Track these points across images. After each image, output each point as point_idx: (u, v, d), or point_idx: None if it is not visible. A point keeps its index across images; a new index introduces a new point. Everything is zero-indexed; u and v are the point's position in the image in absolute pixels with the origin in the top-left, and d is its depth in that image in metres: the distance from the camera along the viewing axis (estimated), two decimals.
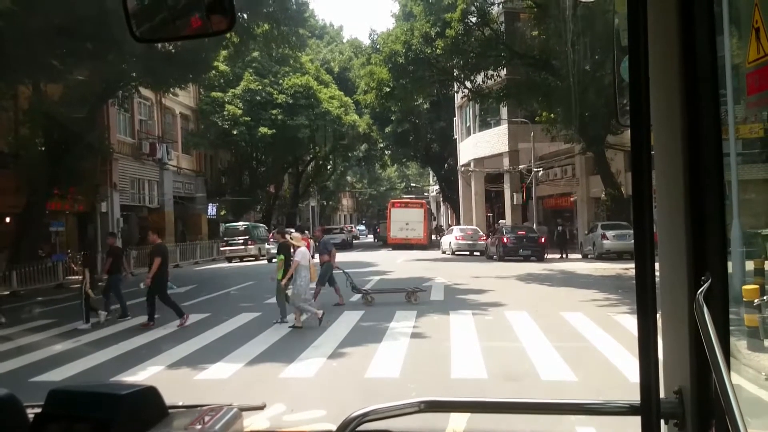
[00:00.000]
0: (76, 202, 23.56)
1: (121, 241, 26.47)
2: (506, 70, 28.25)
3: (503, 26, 29.21)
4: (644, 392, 1.13)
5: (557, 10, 21.51)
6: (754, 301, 7.04)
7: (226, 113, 35.32)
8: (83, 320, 11.48)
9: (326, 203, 63.40)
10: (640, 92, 1.10)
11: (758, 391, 5.97)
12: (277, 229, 14.76)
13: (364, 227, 74.06)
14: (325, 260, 13.45)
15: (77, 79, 19.29)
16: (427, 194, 67.71)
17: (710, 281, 1.17)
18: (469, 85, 29.96)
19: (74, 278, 12.82)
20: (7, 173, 20.02)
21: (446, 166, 48.38)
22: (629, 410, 1.25)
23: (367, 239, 59.17)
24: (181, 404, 1.57)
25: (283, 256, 11.89)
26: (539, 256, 25.96)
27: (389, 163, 56.66)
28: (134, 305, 12.48)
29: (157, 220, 31.70)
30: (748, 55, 6.00)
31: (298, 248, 11.32)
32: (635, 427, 1.16)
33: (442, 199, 56.55)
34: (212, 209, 37.25)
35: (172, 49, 19.89)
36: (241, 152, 40.38)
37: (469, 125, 40.22)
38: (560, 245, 28.38)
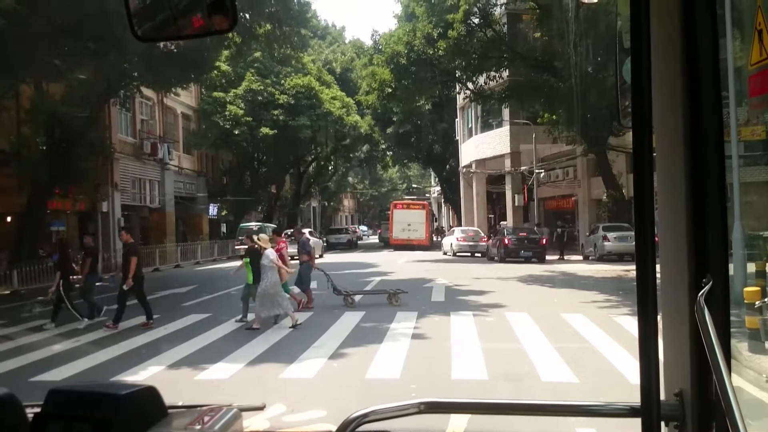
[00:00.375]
0: (77, 201, 23.55)
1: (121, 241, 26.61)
2: (508, 71, 28.23)
3: (505, 27, 29.22)
4: (644, 394, 1.13)
5: (560, 11, 21.47)
6: (755, 303, 7.05)
7: (227, 113, 35.28)
8: (50, 320, 11.54)
9: (327, 204, 63.37)
10: (642, 94, 1.10)
11: (759, 393, 5.97)
12: (246, 233, 14.88)
13: (368, 228, 74.11)
14: (304, 260, 13.47)
15: (79, 78, 19.27)
16: (428, 195, 67.71)
17: (711, 283, 1.17)
18: (471, 86, 29.96)
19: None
20: (8, 172, 20.03)
21: (448, 167, 48.36)
22: (629, 412, 1.25)
23: (369, 240, 59.16)
24: (180, 404, 1.57)
25: (249, 259, 11.96)
26: (540, 257, 25.98)
27: (391, 164, 56.62)
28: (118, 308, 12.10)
29: (158, 220, 31.80)
30: (750, 57, 6.00)
31: (265, 250, 11.37)
32: (635, 429, 1.16)
33: (443, 200, 56.54)
34: (213, 209, 37.27)
35: (173, 48, 19.88)
36: (242, 152, 40.33)
37: (471, 126, 40.22)
38: (559, 247, 28.38)
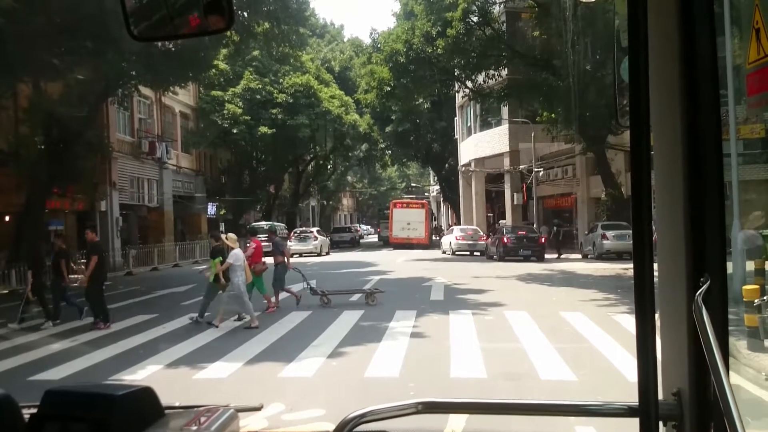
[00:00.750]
0: (75, 200, 23.51)
1: (120, 240, 26.62)
2: (507, 69, 28.22)
3: (504, 26, 29.19)
4: (642, 394, 1.12)
5: (558, 10, 21.48)
6: (754, 301, 7.05)
7: (226, 112, 35.26)
8: (16, 321, 11.68)
9: (326, 203, 63.34)
10: (640, 93, 1.10)
11: (758, 391, 5.98)
12: (210, 233, 14.98)
13: (370, 227, 74.19)
14: (279, 261, 13.49)
15: (77, 77, 19.24)
16: (427, 194, 67.67)
17: (709, 282, 1.16)
18: (470, 84, 29.96)
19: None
20: (6, 172, 20.00)
21: (447, 166, 48.35)
22: (627, 412, 1.25)
23: (369, 239, 59.14)
24: (177, 405, 1.56)
25: (215, 259, 11.95)
26: (539, 256, 26.00)
27: (390, 162, 56.61)
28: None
29: (156, 219, 31.79)
30: (748, 55, 6.01)
31: (232, 249, 11.34)
32: (634, 428, 1.15)
33: (442, 199, 56.54)
34: (212, 208, 37.24)
35: (171, 47, 19.84)
36: (241, 151, 40.30)
37: (469, 125, 40.21)
38: (555, 245, 28.42)
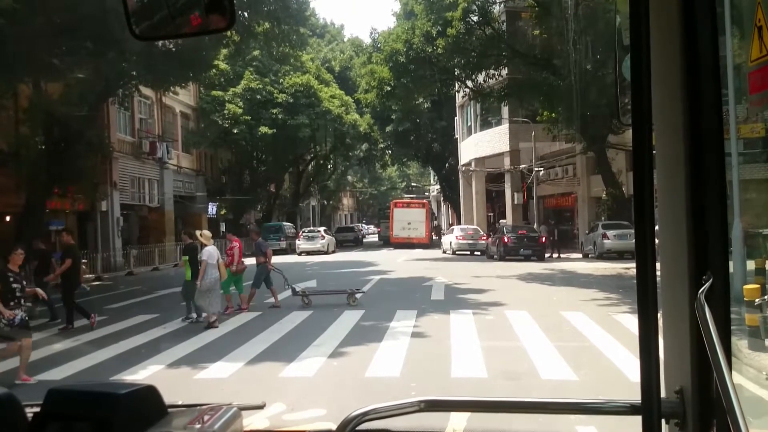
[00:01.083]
0: (75, 200, 23.50)
1: (120, 240, 26.60)
2: (507, 69, 28.21)
3: (504, 25, 29.19)
4: (645, 392, 1.12)
5: (559, 9, 21.48)
6: (755, 300, 7.05)
7: (226, 112, 35.26)
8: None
9: (327, 202, 63.32)
10: (641, 91, 1.10)
11: (759, 390, 5.98)
12: (183, 230, 15.03)
13: (371, 226, 74.23)
14: (260, 261, 13.51)
15: (77, 77, 19.25)
16: (427, 194, 67.66)
17: (711, 281, 1.16)
18: (470, 84, 29.95)
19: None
20: (7, 172, 20.00)
21: (447, 165, 48.33)
22: (630, 410, 1.25)
23: (369, 238, 59.10)
24: (180, 403, 1.56)
25: (188, 256, 11.96)
26: (540, 255, 26.00)
27: (390, 162, 56.59)
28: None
29: (157, 219, 31.78)
30: (750, 54, 6.00)
31: (206, 247, 11.32)
32: (636, 426, 1.15)
33: (442, 198, 56.52)
34: (212, 208, 37.23)
35: (172, 47, 19.85)
36: (241, 151, 40.29)
37: (470, 125, 40.20)
38: (552, 245, 28.46)
